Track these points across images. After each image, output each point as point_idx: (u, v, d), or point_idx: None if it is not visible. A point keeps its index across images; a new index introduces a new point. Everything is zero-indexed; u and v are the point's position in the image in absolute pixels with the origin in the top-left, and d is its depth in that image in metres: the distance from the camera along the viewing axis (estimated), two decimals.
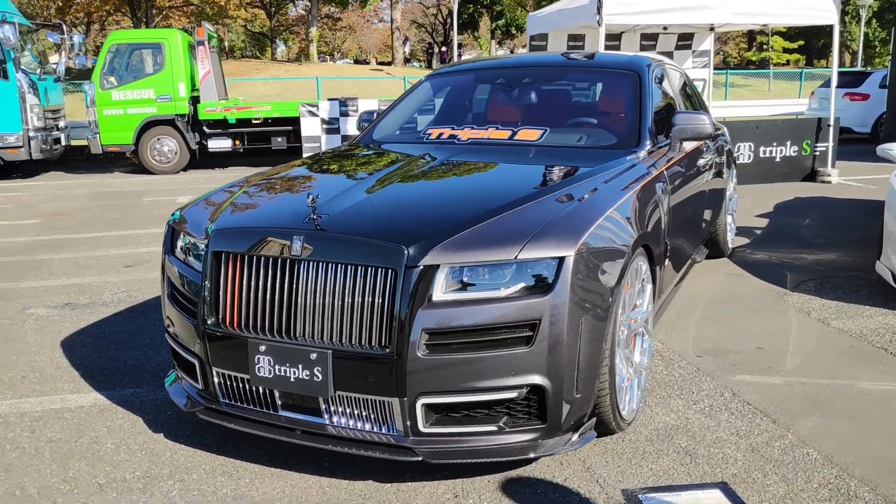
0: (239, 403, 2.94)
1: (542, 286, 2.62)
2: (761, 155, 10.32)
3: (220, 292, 2.87)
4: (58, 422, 3.40)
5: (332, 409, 2.74)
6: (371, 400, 2.67)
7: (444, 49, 46.79)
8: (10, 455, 3.10)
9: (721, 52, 61.45)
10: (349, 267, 2.64)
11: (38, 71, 12.66)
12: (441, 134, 4.17)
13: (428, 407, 2.64)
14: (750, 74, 35.47)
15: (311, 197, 2.89)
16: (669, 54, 13.14)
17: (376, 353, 2.60)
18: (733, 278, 5.55)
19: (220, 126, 13.13)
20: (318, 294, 2.68)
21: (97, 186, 11.79)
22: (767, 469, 2.87)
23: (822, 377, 3.73)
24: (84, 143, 13.84)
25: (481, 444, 2.67)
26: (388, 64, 44.51)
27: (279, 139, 13.38)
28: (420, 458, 2.63)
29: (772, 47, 39.67)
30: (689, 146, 4.35)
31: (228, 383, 2.93)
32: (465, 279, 2.63)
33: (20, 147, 12.04)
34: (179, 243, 3.23)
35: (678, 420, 3.29)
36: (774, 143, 10.34)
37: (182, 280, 3.11)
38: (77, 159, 15.37)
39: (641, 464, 2.92)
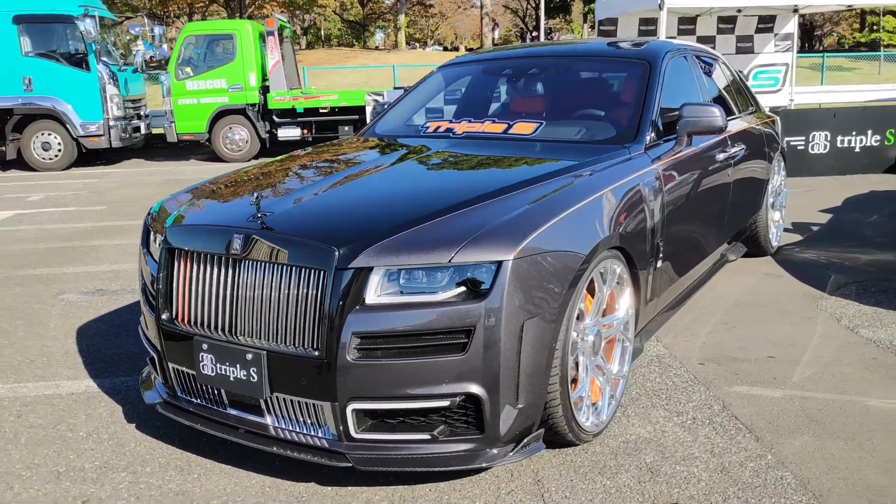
0: (193, 399, 2.96)
1: (478, 291, 2.50)
2: (839, 145, 9.68)
3: (173, 288, 2.90)
4: (45, 407, 3.52)
5: (272, 409, 2.72)
6: (305, 403, 2.63)
7: (535, 34, 46.29)
8: None
9: (834, 33, 58.41)
10: (284, 267, 2.60)
11: (119, 62, 13.22)
12: (438, 127, 4.08)
13: (360, 412, 2.57)
14: (859, 57, 33.34)
15: (257, 195, 2.87)
16: (749, 38, 12.56)
17: (307, 356, 2.55)
18: (770, 279, 5.21)
19: (289, 115, 13.39)
20: (255, 293, 2.65)
21: (170, 174, 12.24)
22: (730, 492, 2.66)
23: (829, 391, 3.45)
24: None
25: (414, 452, 2.58)
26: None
27: (346, 128, 13.54)
28: (350, 465, 2.58)
29: (883, 28, 37.15)
30: (706, 140, 4.09)
31: (182, 379, 2.96)
32: (402, 282, 2.54)
33: (101, 135, 12.63)
34: (151, 237, 3.27)
35: (653, 433, 3.10)
36: (854, 132, 9.67)
37: (151, 275, 3.15)
38: (159, 147, 16.02)
39: (596, 479, 2.77)
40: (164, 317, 2.92)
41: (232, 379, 2.71)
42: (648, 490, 2.69)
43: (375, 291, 2.52)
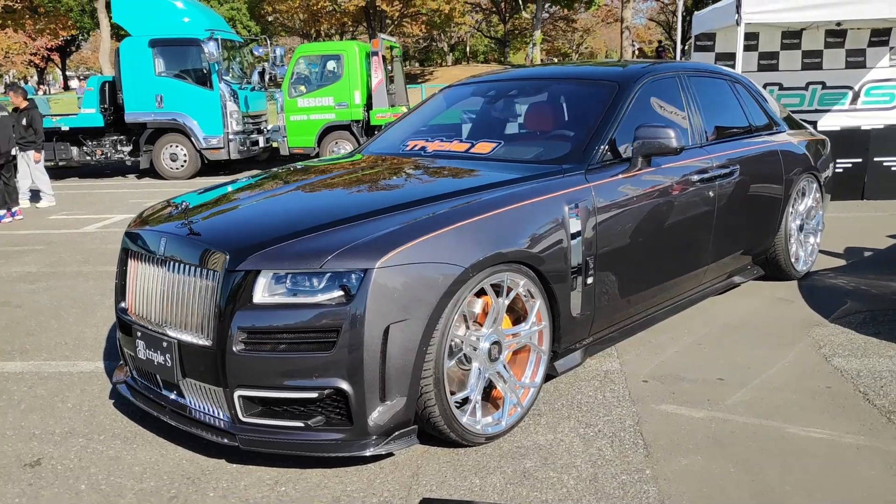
0: (141, 381, 3.42)
1: (347, 296, 2.78)
2: None
3: (126, 283, 3.38)
4: (55, 382, 4.11)
5: (187, 392, 3.11)
6: (207, 388, 3.00)
7: (666, 47, 45.19)
8: None
9: None
10: (190, 266, 3.00)
11: (240, 81, 14.39)
12: (416, 146, 4.37)
13: (246, 398, 2.91)
14: None
15: (196, 205, 3.30)
16: (860, 52, 11.86)
17: (204, 346, 2.93)
18: (777, 303, 5.07)
19: None
20: (172, 289, 3.07)
21: None
22: (584, 500, 2.77)
23: (755, 416, 3.41)
24: None
25: (290, 438, 2.89)
26: None
27: None
28: (237, 445, 2.93)
29: None
30: (675, 161, 4.11)
31: (133, 362, 3.42)
32: (288, 285, 2.86)
33: (221, 148, 13.80)
34: None
35: (551, 441, 3.23)
36: None
37: None
38: (282, 159, 17.17)
39: (468, 477, 2.96)
40: (120, 307, 3.41)
41: (156, 363, 3.14)
42: (510, 491, 2.85)
43: (262, 292, 2.85)
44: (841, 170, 9.09)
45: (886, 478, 2.88)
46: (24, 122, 10.72)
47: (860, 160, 8.90)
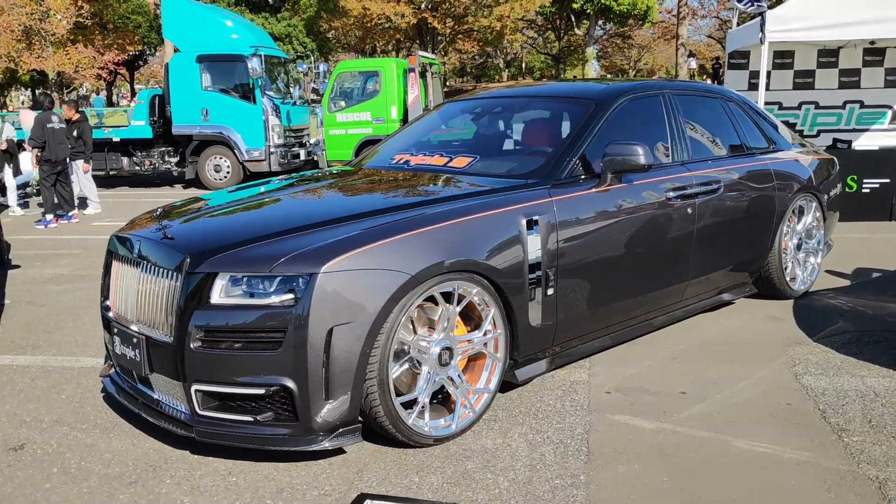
0: (124, 375, 3.66)
1: (294, 298, 2.96)
2: None
3: (109, 282, 3.63)
4: (55, 375, 4.39)
5: (156, 386, 3.34)
6: (169, 381, 3.21)
7: (723, 64, 44.46)
8: (1, 392, 4.14)
9: None
10: (156, 267, 3.23)
11: (283, 96, 14.84)
12: (401, 159, 4.54)
13: (202, 393, 3.11)
14: None
15: (173, 212, 3.53)
16: None
17: (166, 342, 3.14)
18: (766, 321, 5.07)
19: None
20: (143, 288, 3.30)
21: None
22: (513, 501, 2.88)
23: (705, 429, 3.46)
24: None
25: (241, 431, 3.08)
26: None
27: None
28: (195, 436, 3.13)
29: None
30: (648, 177, 4.18)
31: (113, 358, 3.67)
32: (244, 287, 3.06)
33: (262, 160, 14.24)
34: None
35: (498, 445, 3.34)
36: None
37: None
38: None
39: (408, 475, 3.10)
40: (104, 305, 3.67)
41: (128, 358, 3.37)
42: (445, 490, 2.98)
43: (220, 294, 3.05)
44: (868, 190, 8.94)
45: (817, 493, 2.91)
46: (74, 133, 11.29)
47: (888, 180, 8.74)
